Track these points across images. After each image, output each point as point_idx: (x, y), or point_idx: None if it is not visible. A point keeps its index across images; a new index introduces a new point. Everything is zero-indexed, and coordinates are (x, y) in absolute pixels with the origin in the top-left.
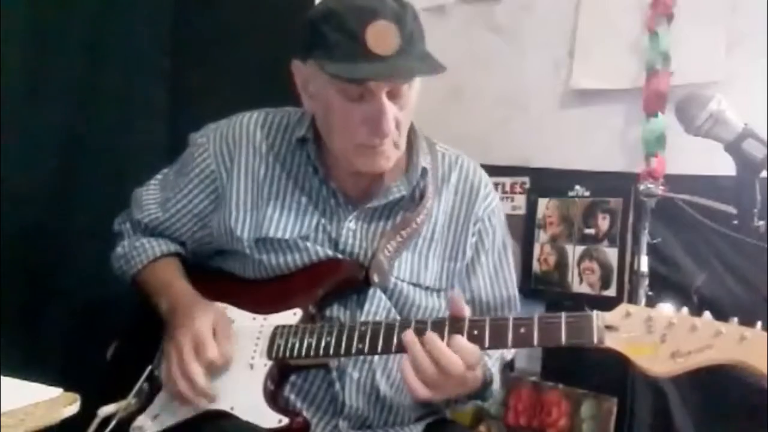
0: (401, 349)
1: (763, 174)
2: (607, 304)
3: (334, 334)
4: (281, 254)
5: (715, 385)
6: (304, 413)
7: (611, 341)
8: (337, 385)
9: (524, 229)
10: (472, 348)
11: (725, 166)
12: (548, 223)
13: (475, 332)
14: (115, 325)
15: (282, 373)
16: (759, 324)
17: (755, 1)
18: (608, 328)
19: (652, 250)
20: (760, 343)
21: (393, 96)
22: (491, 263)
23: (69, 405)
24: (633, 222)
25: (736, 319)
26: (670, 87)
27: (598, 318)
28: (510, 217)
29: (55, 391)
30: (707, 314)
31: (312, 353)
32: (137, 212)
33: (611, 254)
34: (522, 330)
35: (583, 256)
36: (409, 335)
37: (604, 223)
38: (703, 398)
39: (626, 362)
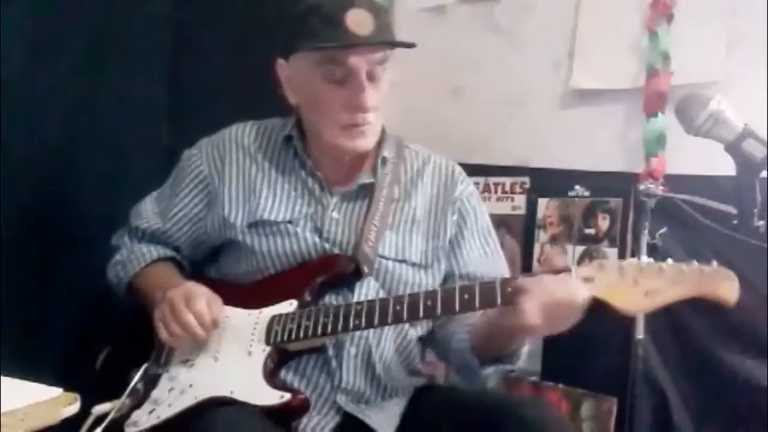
0: (397, 320)
1: (763, 174)
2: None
3: (331, 315)
4: (272, 238)
5: (715, 385)
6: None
7: (590, 290)
8: (334, 362)
9: (524, 229)
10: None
11: (725, 166)
12: (548, 223)
13: (466, 296)
14: (115, 325)
15: (280, 359)
16: (714, 263)
17: (755, 1)
18: (585, 280)
19: (652, 250)
20: (716, 275)
21: (371, 78)
22: (478, 242)
23: (69, 405)
24: (633, 222)
25: (695, 261)
26: (670, 87)
27: (576, 271)
28: (510, 217)
29: (55, 391)
30: (670, 260)
31: (310, 334)
32: (135, 220)
33: (611, 254)
34: (509, 289)
35: (583, 256)
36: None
37: (604, 223)
38: (703, 398)
39: (605, 307)
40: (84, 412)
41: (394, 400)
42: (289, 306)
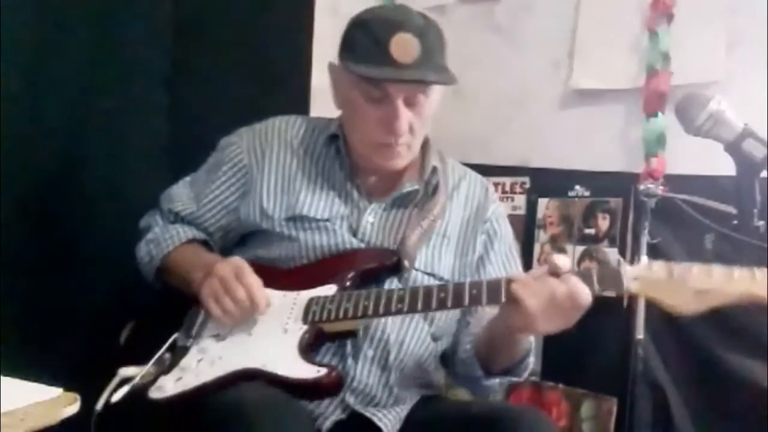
0: (441, 305)
1: (763, 174)
2: (607, 304)
3: (372, 298)
4: (310, 233)
5: (715, 385)
6: None
7: (638, 289)
8: (350, 360)
9: (524, 229)
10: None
11: (725, 166)
12: (548, 223)
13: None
14: (115, 324)
15: (316, 338)
16: (765, 268)
17: (755, 1)
18: (635, 279)
19: (652, 250)
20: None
21: (409, 103)
22: (500, 260)
23: (69, 405)
24: (633, 222)
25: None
26: (670, 87)
27: (626, 269)
28: (510, 217)
29: (55, 391)
30: (717, 266)
31: (350, 315)
32: (167, 204)
33: (611, 254)
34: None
35: (583, 256)
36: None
37: (604, 223)
38: (703, 398)
39: (655, 305)
40: (84, 412)
41: (400, 405)
42: (328, 290)
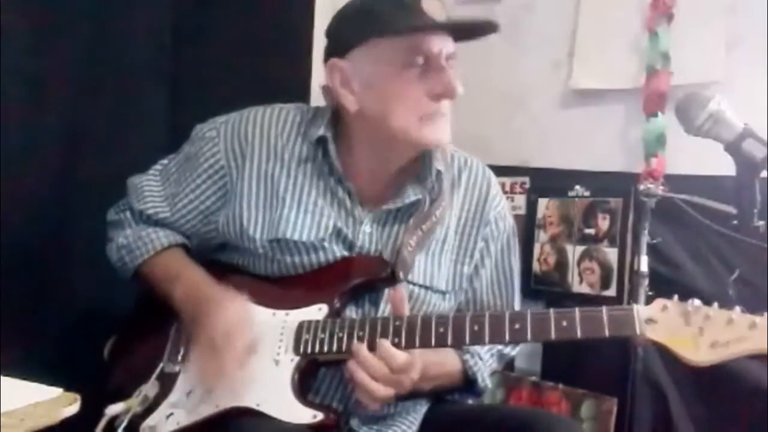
0: (441, 342)
1: (763, 174)
2: (607, 304)
3: (367, 328)
4: (297, 255)
5: (714, 385)
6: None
7: (652, 333)
8: (350, 385)
9: (524, 229)
10: (396, 353)
11: (725, 166)
12: (548, 223)
13: (517, 326)
14: (115, 324)
15: (309, 369)
16: None
17: (755, 1)
18: (648, 321)
19: (652, 250)
20: None
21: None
22: (492, 264)
23: (69, 405)
24: (633, 222)
25: (766, 313)
26: (670, 87)
27: (638, 311)
28: None
29: (55, 391)
30: (738, 309)
31: (344, 348)
32: (138, 203)
33: (611, 254)
34: (564, 323)
35: (583, 256)
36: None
37: (604, 223)
38: (703, 399)
39: (668, 353)
40: (83, 412)
41: (411, 416)
42: (318, 311)
